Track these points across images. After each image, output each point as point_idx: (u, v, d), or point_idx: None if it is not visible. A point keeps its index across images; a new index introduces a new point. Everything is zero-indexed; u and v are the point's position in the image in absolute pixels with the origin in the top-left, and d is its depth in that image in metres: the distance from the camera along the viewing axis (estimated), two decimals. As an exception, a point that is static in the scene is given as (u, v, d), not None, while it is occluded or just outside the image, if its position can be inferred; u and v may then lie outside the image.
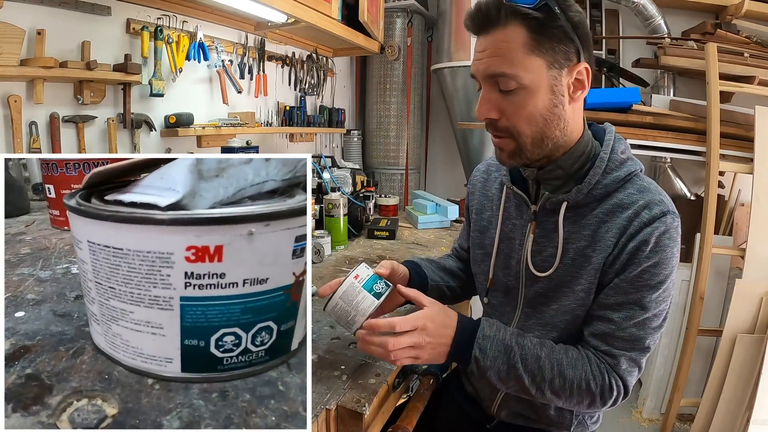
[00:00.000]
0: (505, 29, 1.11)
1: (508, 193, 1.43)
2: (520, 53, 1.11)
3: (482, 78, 1.17)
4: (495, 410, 1.49)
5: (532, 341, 1.21)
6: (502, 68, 1.12)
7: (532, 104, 1.15)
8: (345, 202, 2.62)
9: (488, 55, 1.13)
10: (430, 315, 1.19)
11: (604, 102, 3.18)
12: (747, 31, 3.51)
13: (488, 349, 1.18)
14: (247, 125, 2.94)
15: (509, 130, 1.19)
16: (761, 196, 2.86)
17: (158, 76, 2.37)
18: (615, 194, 1.23)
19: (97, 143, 2.20)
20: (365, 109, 4.83)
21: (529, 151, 1.21)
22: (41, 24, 1.91)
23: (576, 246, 1.25)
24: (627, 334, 1.18)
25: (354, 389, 1.27)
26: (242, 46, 3.04)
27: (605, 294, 1.21)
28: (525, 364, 1.18)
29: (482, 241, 1.52)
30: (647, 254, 1.15)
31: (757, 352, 2.69)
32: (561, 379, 1.18)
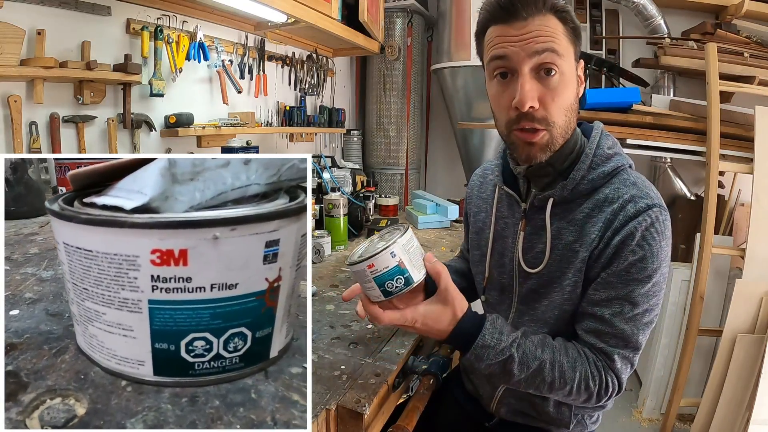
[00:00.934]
0: (544, 17, 1.12)
1: (500, 193, 1.45)
2: (563, 40, 1.14)
3: (526, 58, 1.13)
4: (494, 408, 1.50)
5: (534, 342, 1.20)
6: (554, 45, 1.12)
7: (568, 93, 1.17)
8: (345, 202, 2.63)
9: (535, 36, 1.12)
10: (427, 315, 1.16)
11: (604, 102, 3.19)
12: (747, 31, 3.51)
13: (485, 357, 1.17)
14: (247, 125, 2.94)
15: (546, 120, 1.17)
16: (761, 196, 2.86)
17: (158, 76, 2.37)
18: (601, 189, 1.23)
19: (97, 143, 2.20)
20: (365, 109, 4.83)
21: (557, 142, 1.21)
22: (41, 24, 1.91)
23: (564, 241, 1.26)
24: (619, 331, 1.18)
25: (354, 389, 1.27)
26: (242, 46, 3.05)
27: (594, 290, 1.21)
28: (522, 369, 1.17)
29: (479, 242, 1.54)
30: (633, 248, 1.15)
31: (757, 352, 2.68)
32: (562, 381, 1.18)
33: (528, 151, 1.22)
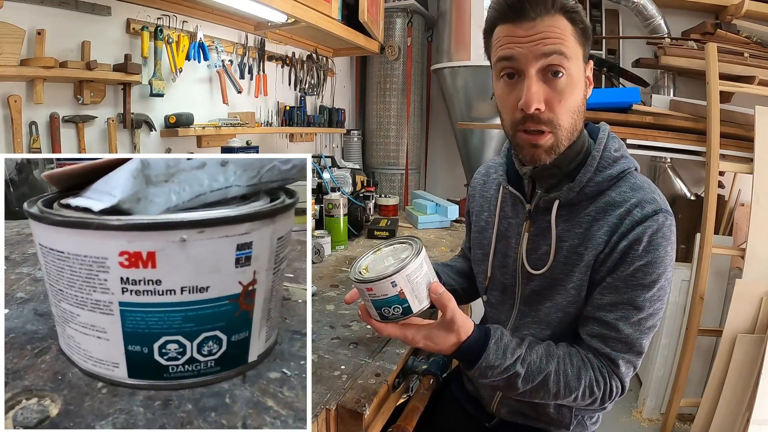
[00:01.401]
0: (553, 17, 1.11)
1: (504, 193, 1.44)
2: (571, 41, 1.12)
3: (533, 59, 1.12)
4: (495, 408, 1.49)
5: (538, 354, 1.20)
6: (562, 47, 1.11)
7: (575, 95, 1.16)
8: (345, 202, 2.63)
9: (543, 37, 1.10)
10: (429, 336, 1.15)
11: (604, 102, 3.18)
12: (747, 31, 3.51)
13: (489, 375, 1.16)
14: (247, 125, 2.94)
15: (552, 123, 1.15)
16: (761, 196, 2.86)
17: (158, 76, 2.37)
18: (608, 192, 1.22)
19: (97, 143, 2.20)
20: (365, 109, 4.83)
21: (563, 144, 1.19)
22: (41, 24, 1.91)
23: (569, 244, 1.25)
24: (624, 336, 1.18)
25: (354, 389, 1.27)
26: (242, 46, 3.04)
27: (599, 294, 1.21)
28: (527, 382, 1.17)
29: (481, 241, 1.53)
30: (640, 253, 1.14)
31: (757, 352, 2.68)
32: (567, 390, 1.18)
33: (533, 152, 1.20)
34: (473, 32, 3.97)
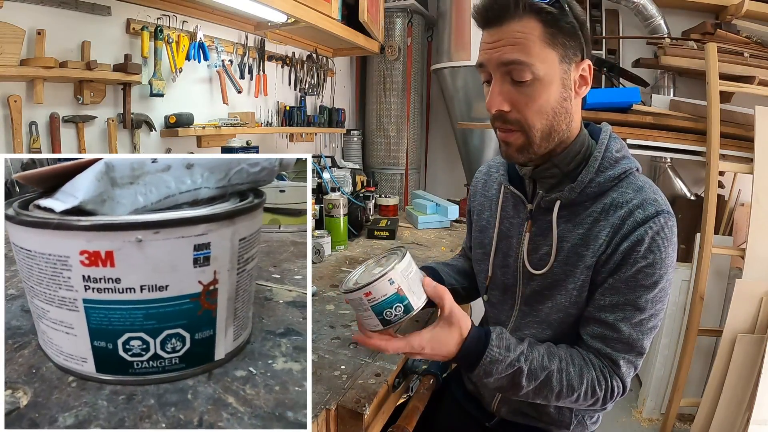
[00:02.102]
0: (520, 21, 1.11)
1: (505, 192, 1.44)
2: (537, 45, 1.11)
3: (495, 67, 1.15)
4: (495, 408, 1.49)
5: (540, 353, 1.20)
6: (518, 56, 1.11)
7: (545, 97, 1.15)
8: (345, 202, 2.63)
9: (504, 44, 1.12)
10: (433, 339, 1.14)
11: (604, 102, 3.18)
12: (747, 31, 3.51)
13: (494, 372, 1.16)
14: (247, 125, 2.94)
15: (520, 123, 1.17)
16: (761, 196, 2.86)
17: (158, 76, 2.37)
18: (609, 193, 1.22)
19: (97, 143, 2.20)
20: (365, 109, 4.83)
21: (537, 145, 1.20)
22: (41, 24, 1.91)
23: (570, 244, 1.25)
24: (624, 336, 1.18)
25: (354, 389, 1.27)
26: (242, 46, 3.04)
27: (601, 295, 1.21)
28: (531, 380, 1.17)
29: (482, 241, 1.53)
30: (641, 254, 1.14)
31: (757, 352, 2.69)
32: (569, 390, 1.18)
33: (506, 150, 1.25)
34: (473, 32, 3.97)
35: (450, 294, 1.15)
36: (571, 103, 1.19)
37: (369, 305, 1.10)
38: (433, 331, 1.15)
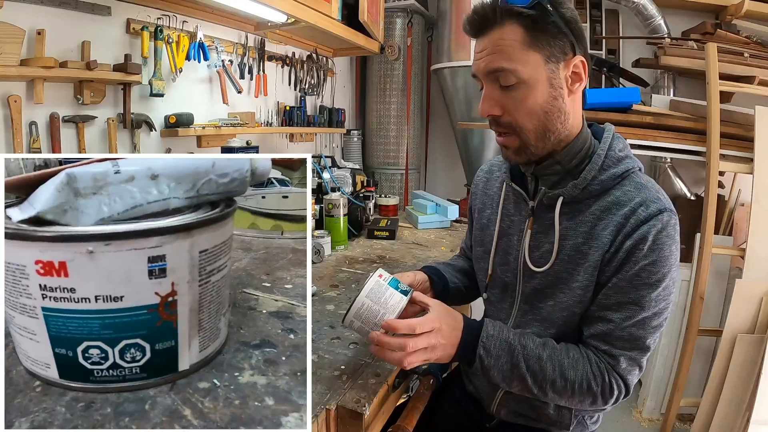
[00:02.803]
0: (502, 28, 1.14)
1: (507, 190, 1.45)
2: (518, 49, 1.14)
3: (483, 75, 1.20)
4: (495, 409, 1.49)
5: (534, 341, 1.22)
6: (501, 63, 1.15)
7: (533, 98, 1.17)
8: (345, 202, 2.63)
9: (487, 53, 1.16)
10: (442, 316, 1.20)
11: (604, 102, 3.18)
12: (747, 31, 3.51)
13: (492, 348, 1.19)
14: (247, 125, 2.94)
15: (512, 126, 1.21)
16: (761, 196, 2.85)
17: (158, 76, 2.37)
18: (612, 191, 1.23)
19: (97, 143, 2.19)
20: (365, 109, 4.82)
21: (533, 145, 1.23)
22: (41, 24, 1.91)
23: (572, 242, 1.25)
24: (626, 334, 1.18)
25: (354, 389, 1.27)
26: (242, 46, 3.04)
27: (604, 294, 1.21)
28: (528, 364, 1.19)
29: (483, 239, 1.53)
30: (645, 252, 1.15)
31: (757, 352, 2.68)
32: (562, 380, 1.18)
33: (504, 152, 1.30)
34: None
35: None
36: (563, 101, 1.20)
37: (386, 283, 1.26)
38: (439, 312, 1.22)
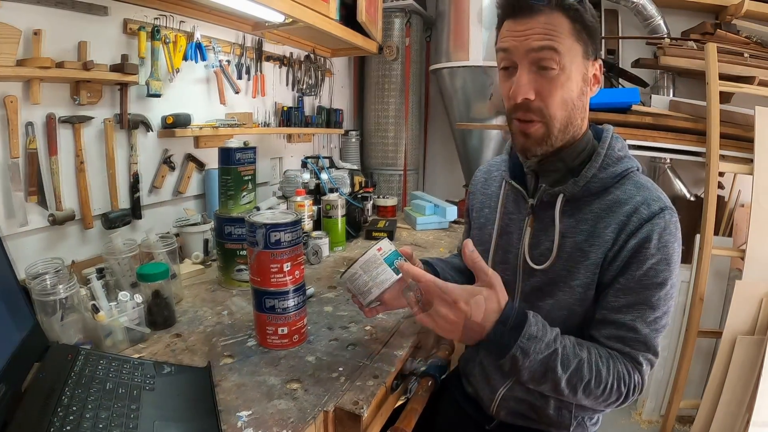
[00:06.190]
0: (550, 15, 1.16)
1: (506, 188, 1.45)
2: (567, 37, 1.16)
3: (524, 53, 1.18)
4: (494, 410, 1.49)
5: (571, 341, 1.20)
6: (552, 43, 1.15)
7: (568, 88, 1.19)
8: (343, 203, 2.64)
9: (536, 32, 1.16)
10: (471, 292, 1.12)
11: (604, 102, 3.18)
12: (747, 32, 3.51)
13: (531, 351, 1.12)
14: (245, 126, 2.93)
15: (542, 112, 1.20)
16: (761, 196, 2.85)
17: (155, 76, 2.35)
18: (612, 190, 1.25)
19: (94, 144, 2.18)
20: (363, 110, 4.81)
21: (555, 137, 1.23)
22: (38, 24, 1.89)
23: (573, 240, 1.26)
24: (642, 336, 1.19)
25: (352, 391, 1.27)
26: (240, 46, 3.03)
27: (614, 297, 1.21)
28: (564, 366, 1.15)
29: (481, 238, 1.54)
30: (652, 252, 1.16)
31: (757, 354, 2.68)
32: (597, 380, 1.17)
33: (523, 142, 1.27)
34: (472, 32, 3.97)
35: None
36: (586, 99, 1.24)
37: (382, 258, 1.31)
38: (473, 288, 1.15)
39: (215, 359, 1.42)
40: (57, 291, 1.39)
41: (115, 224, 2.17)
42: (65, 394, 1.07)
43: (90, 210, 2.13)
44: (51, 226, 2.00)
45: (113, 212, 2.19)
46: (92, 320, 1.43)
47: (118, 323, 1.45)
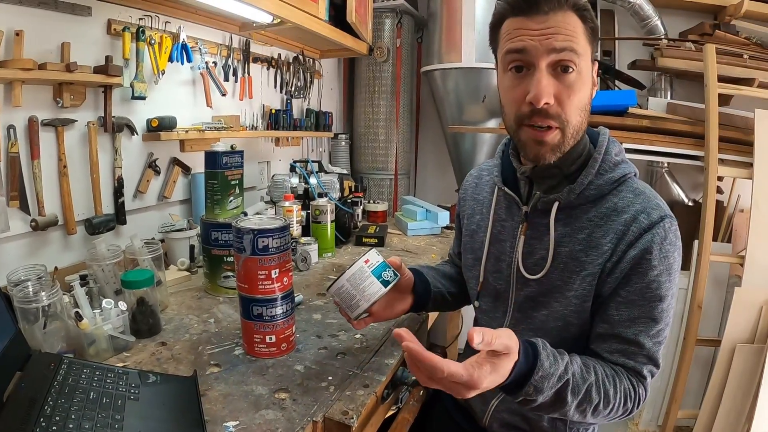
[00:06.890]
0: (565, 14, 1.12)
1: (498, 194, 1.43)
2: (582, 38, 1.13)
3: (544, 53, 1.13)
4: (487, 421, 1.48)
5: (579, 364, 1.14)
6: (572, 45, 1.11)
7: (583, 91, 1.17)
8: (332, 208, 2.64)
9: (555, 32, 1.12)
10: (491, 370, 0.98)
11: (600, 105, 3.18)
12: (746, 32, 3.52)
13: (545, 387, 1.05)
14: (232, 129, 2.90)
15: (560, 118, 1.16)
16: (761, 201, 2.86)
17: (140, 78, 2.32)
18: (609, 197, 1.22)
19: (77, 148, 2.14)
20: (353, 113, 4.78)
21: (569, 143, 1.20)
22: (19, 25, 1.86)
23: (569, 249, 1.23)
24: (645, 350, 1.18)
25: (341, 401, 1.28)
26: (226, 47, 2.99)
27: (616, 310, 1.19)
28: (575, 394, 1.10)
29: (473, 245, 1.52)
30: (653, 263, 1.14)
31: (757, 363, 2.68)
32: (606, 401, 1.14)
33: (537, 150, 1.20)
34: (464, 33, 3.93)
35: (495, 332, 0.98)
36: (590, 101, 1.22)
37: (369, 270, 1.31)
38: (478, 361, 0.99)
39: (201, 368, 1.42)
40: (39, 298, 1.39)
41: (99, 230, 2.13)
42: (48, 404, 1.06)
43: (73, 215, 2.09)
44: (33, 232, 1.96)
45: (97, 217, 2.15)
46: (75, 328, 1.43)
47: (101, 331, 1.46)
